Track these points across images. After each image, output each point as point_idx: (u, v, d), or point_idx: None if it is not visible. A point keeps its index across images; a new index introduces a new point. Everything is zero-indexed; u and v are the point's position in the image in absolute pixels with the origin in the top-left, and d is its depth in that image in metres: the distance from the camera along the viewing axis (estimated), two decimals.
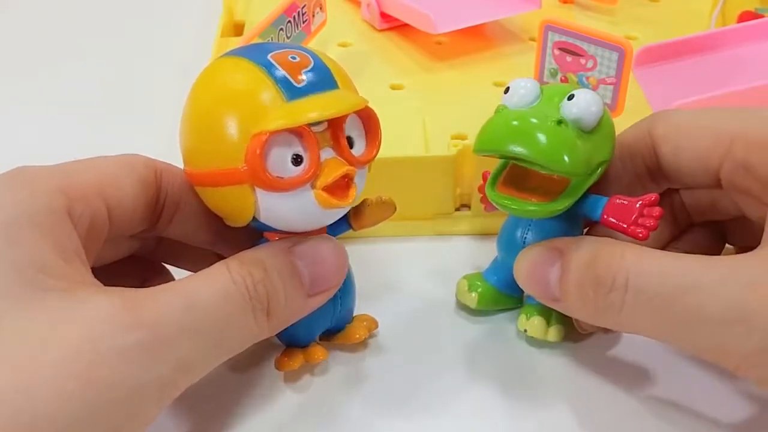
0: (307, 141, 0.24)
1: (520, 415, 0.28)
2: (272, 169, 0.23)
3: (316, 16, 0.44)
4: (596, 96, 0.26)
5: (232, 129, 0.23)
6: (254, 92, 0.24)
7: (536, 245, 0.28)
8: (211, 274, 0.24)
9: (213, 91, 0.25)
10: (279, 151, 0.24)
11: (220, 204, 0.25)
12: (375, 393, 0.29)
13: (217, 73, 0.25)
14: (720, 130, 0.26)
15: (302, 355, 0.29)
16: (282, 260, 0.25)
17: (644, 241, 0.28)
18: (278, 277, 0.25)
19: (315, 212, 0.25)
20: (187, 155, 0.25)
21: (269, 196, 0.24)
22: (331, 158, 0.24)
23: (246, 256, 0.25)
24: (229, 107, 0.24)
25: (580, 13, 0.51)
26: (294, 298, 0.26)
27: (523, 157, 0.25)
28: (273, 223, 0.25)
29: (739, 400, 0.28)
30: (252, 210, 0.24)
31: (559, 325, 0.30)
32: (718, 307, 0.23)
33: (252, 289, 0.24)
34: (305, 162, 0.24)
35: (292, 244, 0.26)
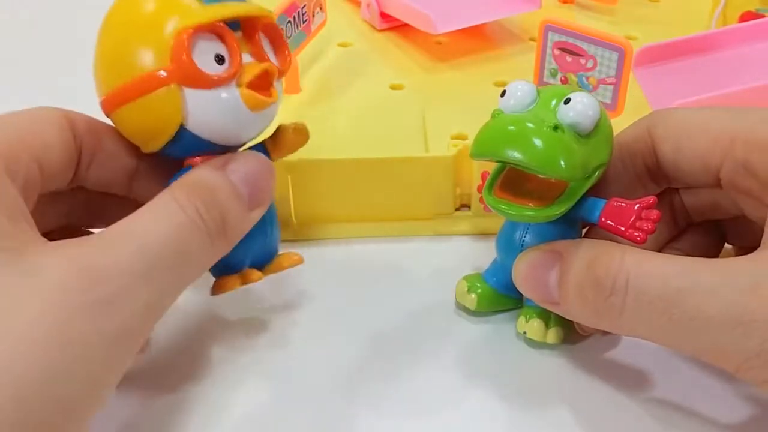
0: (228, 39, 0.25)
1: (520, 416, 0.28)
2: (198, 66, 0.24)
3: (316, 16, 0.44)
4: (593, 100, 0.26)
5: (153, 31, 0.24)
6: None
7: (534, 248, 0.28)
8: (158, 207, 0.24)
9: (128, 3, 0.25)
10: (202, 49, 0.25)
11: (145, 117, 0.25)
12: (374, 393, 0.29)
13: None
14: (720, 129, 0.26)
15: (238, 278, 0.29)
16: (223, 180, 0.25)
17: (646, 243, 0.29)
18: (223, 194, 0.25)
19: (242, 113, 0.25)
20: (105, 76, 0.25)
21: (197, 95, 0.24)
22: (251, 62, 0.26)
23: (188, 181, 0.25)
24: (146, 12, 0.25)
25: (580, 13, 0.51)
26: (240, 213, 0.26)
27: (519, 163, 0.25)
28: (200, 130, 0.25)
29: (739, 402, 0.28)
30: (179, 113, 0.25)
31: (558, 327, 0.30)
32: (718, 309, 0.23)
33: (205, 213, 0.24)
34: (227, 61, 0.25)
35: (224, 161, 0.26)
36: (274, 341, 0.31)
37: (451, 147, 0.36)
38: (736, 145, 0.25)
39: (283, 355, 0.30)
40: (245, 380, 0.29)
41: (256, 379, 0.30)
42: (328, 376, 0.30)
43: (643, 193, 0.29)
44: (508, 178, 0.27)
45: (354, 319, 0.32)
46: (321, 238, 0.36)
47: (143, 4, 0.25)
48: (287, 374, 0.30)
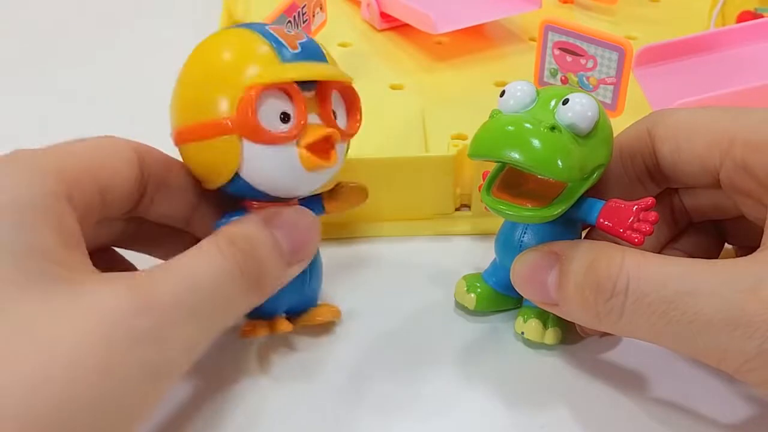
0: (296, 100, 0.25)
1: (519, 416, 0.28)
2: (261, 122, 0.25)
3: (316, 16, 0.44)
4: (592, 100, 0.26)
5: (228, 81, 0.25)
6: (251, 50, 0.25)
7: (533, 249, 0.28)
8: (204, 253, 0.24)
9: (212, 52, 0.26)
10: (269, 106, 0.25)
11: (206, 159, 0.26)
12: (372, 393, 0.29)
13: (217, 37, 0.27)
14: (720, 130, 0.26)
15: (267, 326, 0.29)
16: (264, 232, 0.26)
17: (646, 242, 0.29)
18: (264, 249, 0.26)
19: (296, 171, 0.26)
20: (178, 111, 0.26)
21: (255, 149, 0.25)
22: (317, 124, 0.26)
23: (230, 231, 0.25)
24: (226, 62, 0.25)
25: (580, 13, 0.51)
26: (278, 269, 0.26)
27: (517, 163, 0.25)
28: (253, 181, 0.26)
29: (738, 402, 0.28)
30: (236, 162, 0.25)
31: (555, 328, 0.30)
32: (717, 311, 0.23)
33: (243, 264, 0.25)
34: (292, 120, 0.25)
35: (271, 215, 0.26)
36: (272, 340, 0.31)
37: (451, 147, 0.36)
38: (736, 146, 0.25)
39: (282, 354, 0.30)
40: (244, 378, 0.29)
41: (255, 377, 0.30)
42: (327, 375, 0.30)
43: (643, 193, 0.29)
44: (507, 178, 0.28)
45: (354, 319, 0.32)
46: (321, 237, 0.36)
47: (227, 51, 0.26)
48: (285, 373, 0.30)
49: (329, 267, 0.34)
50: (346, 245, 0.36)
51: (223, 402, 0.29)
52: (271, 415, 0.28)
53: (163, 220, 0.28)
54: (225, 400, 0.29)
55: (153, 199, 0.27)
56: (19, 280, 0.21)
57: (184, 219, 0.29)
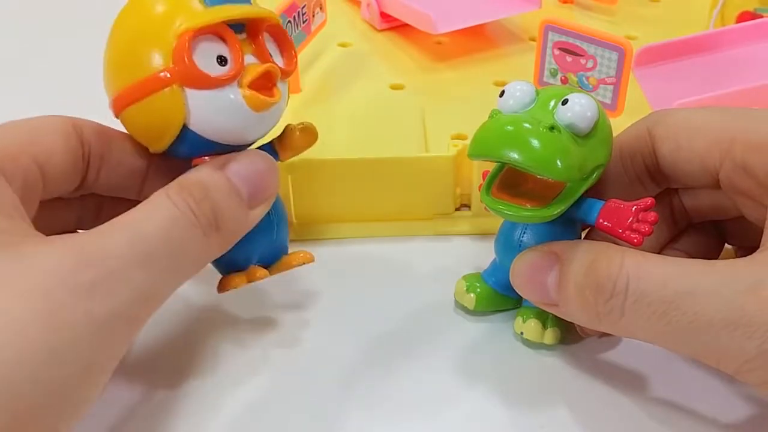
0: (231, 42, 0.25)
1: (518, 416, 0.28)
2: (201, 68, 0.25)
3: (316, 16, 0.44)
4: (591, 101, 0.26)
5: (158, 34, 0.25)
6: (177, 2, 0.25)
7: (532, 249, 0.28)
8: (152, 203, 0.24)
9: (137, 10, 0.26)
10: (204, 50, 0.25)
11: (149, 118, 0.26)
12: (371, 393, 0.29)
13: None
14: (720, 130, 0.26)
15: (244, 275, 0.29)
16: (219, 177, 0.26)
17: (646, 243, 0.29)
18: (218, 193, 0.25)
19: (244, 113, 0.25)
20: (112, 77, 0.26)
21: (199, 96, 0.25)
22: (254, 63, 0.26)
23: (183, 179, 0.25)
24: (152, 16, 0.25)
25: (580, 13, 0.51)
26: (237, 212, 0.26)
27: (516, 163, 0.25)
28: (204, 131, 0.26)
29: (738, 403, 0.28)
30: (182, 113, 0.25)
31: (554, 328, 0.30)
32: (716, 311, 0.23)
33: (196, 209, 0.25)
34: (230, 61, 0.25)
35: (225, 160, 0.26)
36: (272, 340, 0.31)
37: (451, 147, 0.36)
38: (735, 146, 0.25)
39: (281, 353, 0.31)
40: (243, 377, 0.29)
41: (255, 376, 0.30)
42: (326, 375, 0.30)
43: (643, 193, 0.29)
44: (506, 178, 0.28)
45: (354, 318, 0.32)
46: (321, 238, 0.36)
47: (148, 7, 0.25)
48: (286, 373, 0.30)
49: (329, 267, 0.34)
50: (346, 245, 0.36)
51: (221, 397, 0.29)
52: (267, 414, 0.28)
53: (114, 192, 0.28)
54: (219, 398, 0.29)
55: (98, 171, 0.27)
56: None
57: (134, 189, 0.28)
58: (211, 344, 0.31)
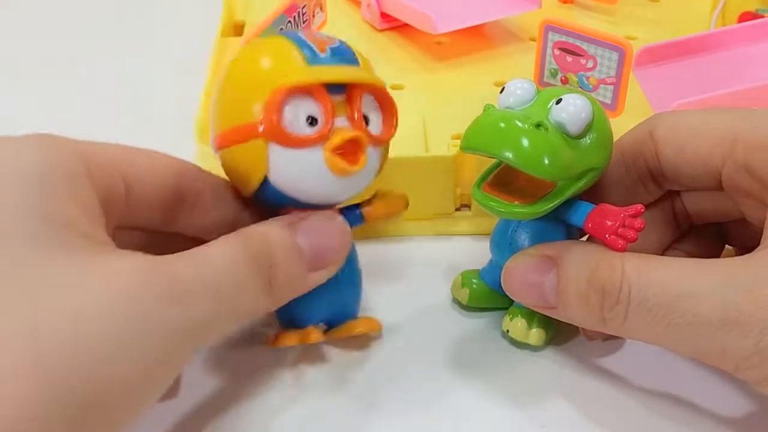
0: (323, 103, 0.25)
1: (519, 416, 0.28)
2: (286, 126, 0.25)
3: (316, 16, 0.44)
4: (585, 102, 0.26)
5: (256, 86, 0.25)
6: (279, 55, 0.26)
7: (524, 253, 0.28)
8: (219, 243, 0.25)
9: (244, 60, 0.27)
10: (295, 108, 0.25)
11: (236, 162, 0.26)
12: (370, 392, 0.29)
13: (250, 46, 0.27)
14: (722, 131, 0.26)
15: (298, 335, 0.29)
16: (283, 233, 0.26)
17: (649, 245, 0.29)
18: (279, 249, 0.25)
19: (324, 176, 0.25)
20: (216, 117, 0.27)
21: (280, 152, 0.25)
22: (345, 127, 0.26)
23: (249, 229, 0.26)
24: (255, 70, 0.26)
25: (580, 13, 0.51)
26: (294, 270, 0.26)
27: (503, 159, 0.25)
28: (283, 186, 0.26)
29: (738, 399, 0.28)
30: (264, 166, 0.25)
31: (540, 329, 0.30)
32: (715, 312, 0.23)
33: (255, 258, 0.25)
34: (319, 124, 0.25)
35: (296, 218, 0.26)
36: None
37: (451, 147, 0.36)
38: (738, 147, 0.25)
39: (280, 352, 0.30)
40: (243, 376, 0.29)
41: (252, 374, 0.30)
42: (324, 375, 0.30)
43: (645, 195, 0.29)
44: (502, 175, 0.28)
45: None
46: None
47: (258, 58, 0.26)
48: (281, 369, 0.30)
49: None
50: None
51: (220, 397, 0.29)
52: (265, 410, 0.28)
53: (200, 233, 0.28)
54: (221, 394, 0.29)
55: (191, 211, 0.27)
56: (42, 243, 0.21)
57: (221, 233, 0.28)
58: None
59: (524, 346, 0.30)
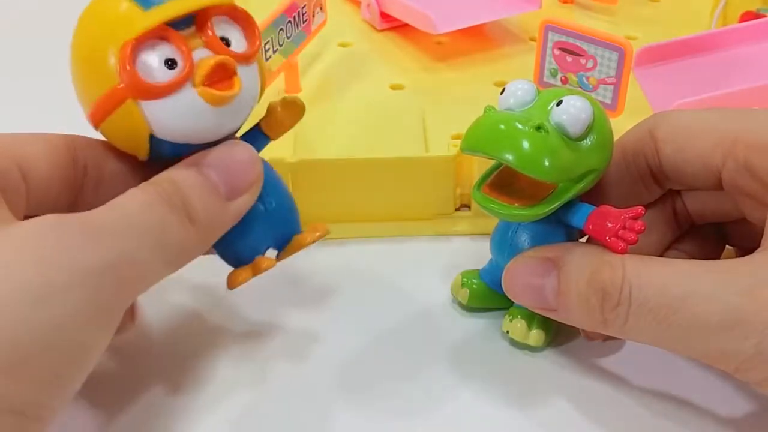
0: (175, 42, 0.24)
1: (518, 416, 0.28)
2: (146, 77, 0.24)
3: (316, 16, 0.44)
4: (586, 104, 0.26)
5: (103, 51, 0.24)
6: (115, 13, 0.24)
7: (524, 255, 0.28)
8: (128, 193, 0.24)
9: (82, 29, 0.25)
10: (148, 57, 0.24)
11: (119, 133, 0.25)
12: (370, 392, 0.29)
13: (84, 13, 0.26)
14: (722, 131, 0.26)
15: (249, 268, 0.28)
16: (189, 171, 0.25)
17: (649, 245, 0.28)
18: (188, 185, 0.25)
19: (204, 112, 0.25)
20: (80, 98, 0.26)
21: (154, 105, 0.24)
22: (207, 57, 0.25)
23: (155, 177, 0.25)
24: (96, 35, 0.24)
25: (580, 13, 0.51)
26: (211, 202, 0.26)
27: (503, 161, 0.25)
28: (172, 137, 0.25)
29: (737, 400, 0.28)
30: (145, 126, 0.24)
31: (540, 330, 0.30)
32: (715, 313, 0.23)
33: (168, 199, 0.25)
34: (179, 63, 0.24)
35: (199, 156, 0.26)
36: (271, 337, 0.31)
37: (451, 147, 0.36)
38: (738, 147, 0.25)
39: (279, 352, 0.30)
40: (243, 376, 0.29)
41: (253, 374, 0.30)
42: (324, 374, 0.30)
43: (646, 194, 0.29)
44: (502, 176, 0.28)
45: (353, 318, 0.32)
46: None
47: (91, 24, 0.25)
48: (282, 369, 0.30)
49: (329, 267, 0.34)
50: (346, 245, 0.36)
51: (220, 396, 0.29)
52: (262, 410, 0.28)
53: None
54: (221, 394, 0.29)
55: (98, 185, 0.27)
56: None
57: None
58: (209, 342, 0.31)
59: (524, 346, 0.30)
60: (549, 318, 0.28)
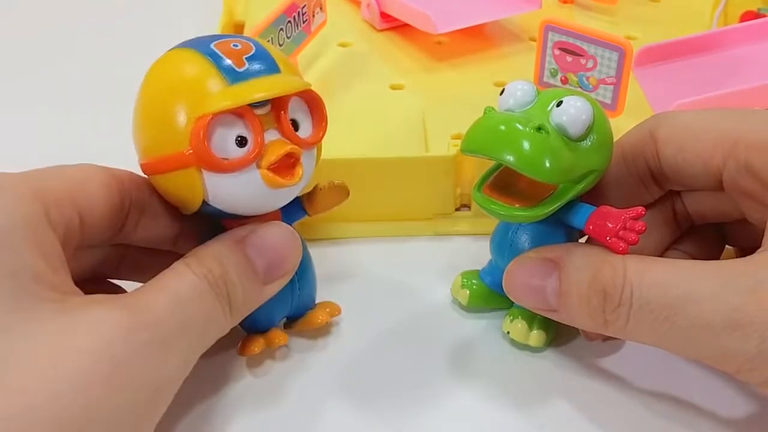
0: (250, 122, 0.25)
1: (518, 416, 0.28)
2: (216, 151, 0.24)
3: (316, 16, 0.44)
4: (586, 104, 0.26)
5: (178, 114, 0.24)
6: (197, 78, 0.25)
7: (525, 256, 0.28)
8: (179, 273, 0.24)
9: (159, 81, 0.26)
10: (222, 132, 0.24)
11: (172, 190, 0.26)
12: (369, 392, 0.29)
13: (163, 63, 0.26)
14: (723, 131, 0.26)
15: (263, 340, 0.29)
16: (235, 252, 0.26)
17: (649, 245, 0.28)
18: (233, 270, 0.25)
19: (262, 193, 0.25)
20: (139, 146, 0.26)
21: (216, 178, 0.25)
22: (276, 140, 0.25)
23: (201, 252, 0.25)
24: (173, 94, 0.25)
25: (580, 13, 0.51)
26: (250, 288, 0.26)
27: (504, 162, 0.25)
28: (223, 207, 0.26)
29: (738, 400, 0.28)
30: (201, 193, 0.25)
31: (541, 330, 0.30)
32: (717, 314, 0.23)
33: (215, 284, 0.25)
34: (249, 143, 0.25)
35: (245, 234, 0.26)
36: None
37: (451, 147, 0.36)
38: (739, 147, 0.25)
39: (278, 352, 0.31)
40: (242, 376, 0.29)
41: (252, 374, 0.30)
42: (324, 374, 0.30)
43: (646, 195, 0.29)
44: (502, 177, 0.28)
45: (353, 319, 0.32)
46: (321, 238, 0.36)
47: (170, 81, 0.25)
48: (281, 369, 0.30)
49: (329, 267, 0.34)
50: (346, 245, 0.36)
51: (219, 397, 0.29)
52: (261, 410, 0.28)
53: (150, 243, 0.28)
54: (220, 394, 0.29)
55: (138, 223, 0.27)
56: (10, 303, 0.21)
57: (170, 240, 0.28)
58: None
59: (524, 346, 0.30)
60: (549, 318, 0.28)
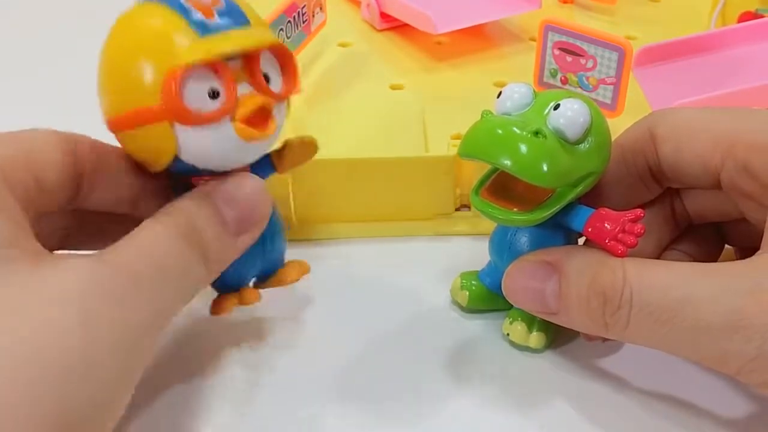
0: (223, 74, 0.24)
1: (518, 416, 0.28)
2: (189, 103, 0.24)
3: (316, 16, 0.44)
4: (584, 107, 0.26)
5: (148, 67, 0.24)
6: (168, 31, 0.24)
7: (524, 259, 0.28)
8: (148, 227, 0.24)
9: (128, 35, 0.25)
10: (195, 85, 0.24)
11: (142, 146, 0.25)
12: (369, 392, 0.29)
13: (131, 17, 0.25)
14: (721, 131, 0.26)
15: (235, 298, 0.29)
16: (205, 205, 0.25)
17: (648, 245, 0.28)
18: (204, 222, 0.25)
19: (235, 146, 0.25)
20: (105, 101, 0.26)
21: (189, 131, 0.24)
22: (249, 92, 0.25)
23: (170, 208, 0.25)
24: (143, 47, 0.24)
25: (580, 13, 0.51)
26: (223, 240, 0.26)
27: (501, 167, 0.25)
28: (196, 162, 0.25)
29: (738, 401, 0.28)
30: (173, 148, 0.25)
31: (540, 332, 0.30)
32: (717, 316, 0.23)
33: (187, 236, 0.25)
34: (222, 95, 0.24)
35: (212, 188, 0.26)
36: (271, 339, 0.31)
37: (451, 147, 0.36)
38: (737, 147, 0.25)
39: (278, 351, 0.30)
40: (240, 375, 0.29)
41: (251, 374, 0.30)
42: (322, 375, 0.30)
43: (645, 193, 0.29)
44: (500, 180, 0.27)
45: (353, 319, 0.32)
46: (321, 238, 0.36)
47: (142, 32, 0.25)
48: (280, 370, 0.30)
49: (328, 267, 0.34)
50: (346, 245, 0.36)
51: (219, 397, 0.29)
52: (260, 410, 0.28)
53: (108, 207, 0.28)
54: (221, 395, 0.29)
55: (93, 188, 0.27)
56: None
57: (130, 202, 0.28)
58: (207, 342, 0.31)
59: (524, 347, 0.30)
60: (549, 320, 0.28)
